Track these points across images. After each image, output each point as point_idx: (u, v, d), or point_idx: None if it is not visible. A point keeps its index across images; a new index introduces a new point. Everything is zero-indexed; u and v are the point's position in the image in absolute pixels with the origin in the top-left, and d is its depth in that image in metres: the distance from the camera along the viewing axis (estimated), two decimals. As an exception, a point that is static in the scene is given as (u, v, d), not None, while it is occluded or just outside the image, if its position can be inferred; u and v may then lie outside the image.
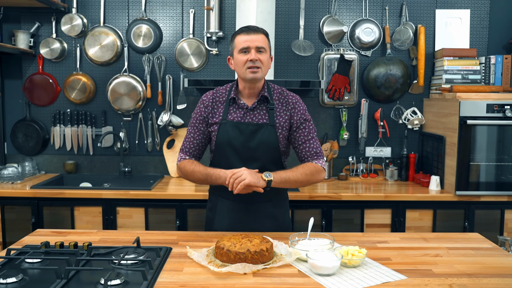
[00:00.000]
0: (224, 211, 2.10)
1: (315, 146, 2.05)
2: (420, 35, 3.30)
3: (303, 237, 1.83)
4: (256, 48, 1.95)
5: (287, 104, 2.06)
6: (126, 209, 2.92)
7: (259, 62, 1.95)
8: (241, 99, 2.05)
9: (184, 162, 2.06)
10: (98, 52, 3.34)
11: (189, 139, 2.10)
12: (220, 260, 1.64)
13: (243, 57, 1.95)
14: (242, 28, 2.00)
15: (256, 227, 2.05)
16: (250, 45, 1.94)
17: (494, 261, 1.73)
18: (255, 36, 1.95)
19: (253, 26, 2.01)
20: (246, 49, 1.95)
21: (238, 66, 1.98)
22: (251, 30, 1.97)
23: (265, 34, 2.00)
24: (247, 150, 2.01)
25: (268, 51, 2.00)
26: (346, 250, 1.67)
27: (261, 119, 2.03)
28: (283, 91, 2.09)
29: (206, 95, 2.11)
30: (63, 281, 1.45)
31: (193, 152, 2.09)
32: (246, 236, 1.72)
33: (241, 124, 2.01)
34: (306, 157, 2.05)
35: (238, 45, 1.97)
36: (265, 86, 2.06)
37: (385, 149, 3.46)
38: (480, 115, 2.85)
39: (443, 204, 2.93)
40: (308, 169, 2.00)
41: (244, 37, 1.96)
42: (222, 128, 2.02)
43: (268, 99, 2.04)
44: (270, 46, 2.03)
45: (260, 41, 1.96)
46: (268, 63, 2.00)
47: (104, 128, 3.43)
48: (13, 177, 3.13)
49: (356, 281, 1.52)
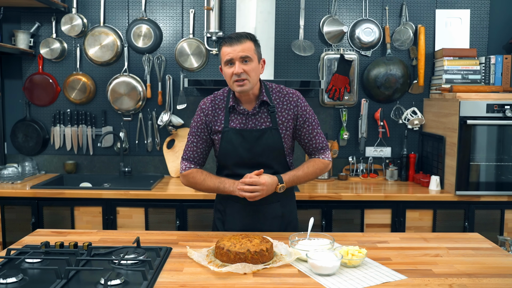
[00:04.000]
0: (234, 214, 2.09)
1: (321, 141, 2.08)
2: (420, 35, 3.30)
3: (303, 237, 1.83)
4: (241, 58, 1.87)
5: (288, 103, 2.02)
6: (126, 209, 2.92)
7: (245, 74, 1.88)
8: (240, 105, 2.01)
9: (193, 171, 2.04)
10: (98, 52, 3.34)
11: (191, 148, 2.05)
12: (220, 260, 1.64)
13: (229, 70, 1.90)
14: (225, 38, 1.91)
15: (266, 228, 2.06)
16: (233, 57, 1.87)
17: (494, 261, 1.73)
18: (238, 46, 1.87)
19: (236, 34, 1.92)
20: (230, 61, 1.89)
21: (226, 79, 1.94)
22: (233, 40, 1.88)
23: (251, 39, 1.92)
24: (253, 156, 1.99)
25: (256, 58, 1.92)
26: (346, 250, 1.67)
27: (264, 123, 2.00)
28: (282, 89, 2.05)
29: (205, 102, 2.05)
30: (63, 281, 1.45)
31: (197, 160, 2.06)
32: (246, 236, 1.72)
33: (244, 131, 1.98)
34: (313, 153, 2.10)
35: (223, 57, 1.90)
36: (263, 89, 2.01)
37: (385, 149, 3.46)
38: (480, 115, 2.85)
39: (443, 204, 2.93)
40: (317, 166, 2.06)
41: (227, 49, 1.88)
42: (226, 136, 1.99)
43: (267, 102, 2.01)
44: (258, 51, 1.94)
45: (245, 49, 1.87)
46: (256, 71, 1.92)
47: (104, 128, 3.43)
48: (13, 177, 3.13)
49: (356, 281, 1.52)
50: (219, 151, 2.03)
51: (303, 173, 2.02)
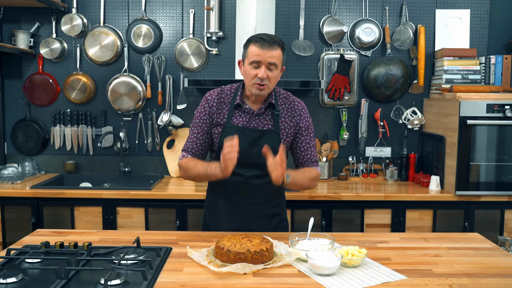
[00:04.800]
0: (224, 212, 2.09)
1: (315, 154, 2.10)
2: (420, 35, 3.30)
3: (303, 237, 1.83)
4: (268, 64, 1.86)
5: (292, 110, 2.03)
6: (126, 209, 2.92)
7: (267, 80, 1.87)
8: (246, 103, 2.01)
9: (186, 159, 2.01)
10: (98, 52, 3.34)
11: (191, 139, 2.04)
12: (220, 260, 1.64)
13: (253, 71, 1.88)
14: (257, 38, 1.88)
15: (255, 228, 2.05)
16: (262, 60, 1.85)
17: (494, 261, 1.73)
18: (269, 51, 1.85)
19: (269, 37, 1.88)
20: (257, 63, 1.87)
21: (246, 77, 1.93)
22: (266, 43, 1.85)
23: (281, 47, 1.90)
24: (249, 156, 1.97)
25: (280, 66, 1.92)
26: (346, 250, 1.67)
27: (266, 125, 2.00)
28: (289, 96, 2.06)
29: (211, 94, 2.04)
30: (63, 281, 1.45)
31: (196, 151, 2.04)
32: (246, 236, 1.72)
33: (246, 130, 1.98)
34: (306, 164, 2.08)
35: (250, 56, 1.88)
36: (272, 92, 2.01)
37: (385, 149, 3.46)
38: (480, 115, 2.85)
39: (443, 204, 2.93)
40: (313, 175, 2.04)
41: (257, 50, 1.86)
42: (226, 132, 1.98)
43: (274, 105, 2.01)
44: (283, 59, 1.94)
45: (274, 56, 1.86)
46: (277, 78, 1.93)
47: (104, 128, 3.42)
48: (13, 177, 3.13)
49: (356, 281, 1.52)
50: (217, 145, 2.02)
51: (301, 176, 1.98)
